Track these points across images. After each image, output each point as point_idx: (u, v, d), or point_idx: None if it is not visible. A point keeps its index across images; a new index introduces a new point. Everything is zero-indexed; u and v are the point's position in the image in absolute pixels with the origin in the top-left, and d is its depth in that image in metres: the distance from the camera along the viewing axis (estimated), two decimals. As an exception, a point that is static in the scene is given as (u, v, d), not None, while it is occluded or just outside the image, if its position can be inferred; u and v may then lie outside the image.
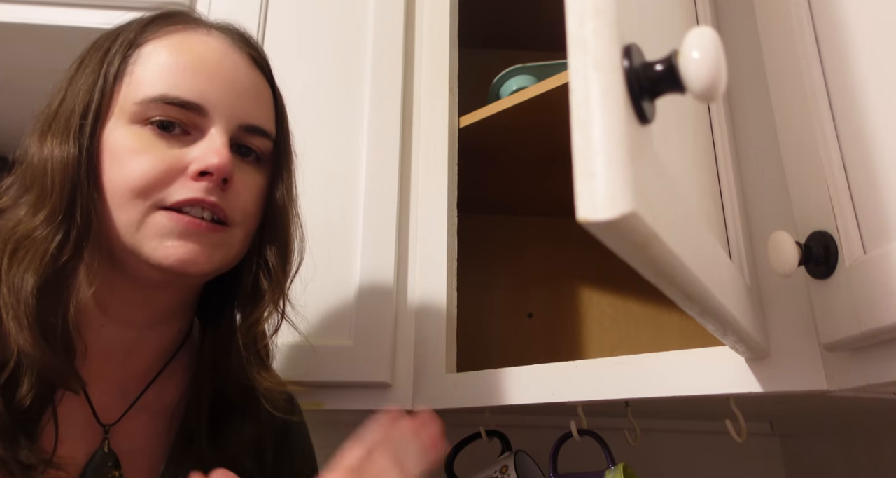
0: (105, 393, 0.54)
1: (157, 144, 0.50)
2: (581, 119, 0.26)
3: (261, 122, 0.56)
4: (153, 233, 0.49)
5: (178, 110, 0.50)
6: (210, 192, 0.50)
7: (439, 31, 0.95)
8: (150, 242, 0.49)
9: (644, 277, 0.32)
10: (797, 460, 1.05)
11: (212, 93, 0.52)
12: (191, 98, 0.51)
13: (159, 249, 0.49)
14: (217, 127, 0.52)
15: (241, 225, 0.54)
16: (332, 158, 0.88)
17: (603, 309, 1.16)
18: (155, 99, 0.50)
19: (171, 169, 0.50)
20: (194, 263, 0.50)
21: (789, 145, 0.56)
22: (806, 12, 0.55)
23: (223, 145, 0.51)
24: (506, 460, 0.81)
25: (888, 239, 0.43)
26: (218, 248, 0.52)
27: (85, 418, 0.52)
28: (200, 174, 0.50)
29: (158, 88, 0.50)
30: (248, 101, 0.55)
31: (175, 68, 0.51)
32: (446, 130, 0.89)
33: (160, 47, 0.52)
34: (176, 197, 0.49)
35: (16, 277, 0.46)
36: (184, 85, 0.51)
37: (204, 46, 0.53)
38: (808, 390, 0.52)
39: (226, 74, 0.53)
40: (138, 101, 0.50)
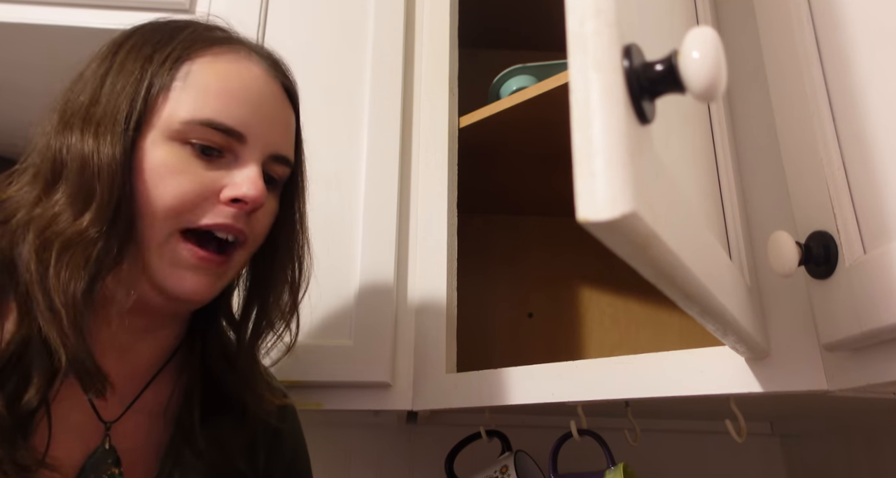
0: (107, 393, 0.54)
1: (195, 165, 0.51)
2: (581, 119, 0.26)
3: (287, 152, 0.57)
4: (169, 261, 0.50)
5: (221, 136, 0.51)
6: (238, 219, 0.52)
7: (439, 31, 0.95)
8: (163, 269, 0.50)
9: (644, 277, 0.32)
10: (797, 460, 1.05)
11: (253, 122, 0.53)
12: (236, 126, 0.52)
13: (170, 277, 0.50)
14: (253, 155, 0.53)
15: (249, 245, 0.56)
16: (332, 158, 0.88)
17: (603, 309, 1.16)
18: (202, 122, 0.50)
19: (205, 191, 0.51)
20: (200, 295, 0.52)
21: (789, 145, 0.56)
22: (806, 12, 0.55)
23: (258, 176, 0.52)
24: (506, 460, 0.81)
25: (888, 239, 0.43)
26: (221, 277, 0.54)
27: (83, 417, 0.53)
28: (233, 201, 0.51)
29: (206, 112, 0.51)
30: (280, 132, 0.56)
31: (223, 94, 0.52)
32: (446, 130, 0.89)
33: (208, 68, 0.53)
34: (206, 221, 0.51)
35: (63, 279, 0.46)
36: (230, 112, 0.52)
37: (249, 74, 0.54)
38: (808, 390, 0.52)
39: (266, 104, 0.54)
40: (184, 121, 0.50)
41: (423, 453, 1.09)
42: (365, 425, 1.11)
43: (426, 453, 1.09)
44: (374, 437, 1.11)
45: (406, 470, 1.09)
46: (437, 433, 1.09)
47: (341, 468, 1.09)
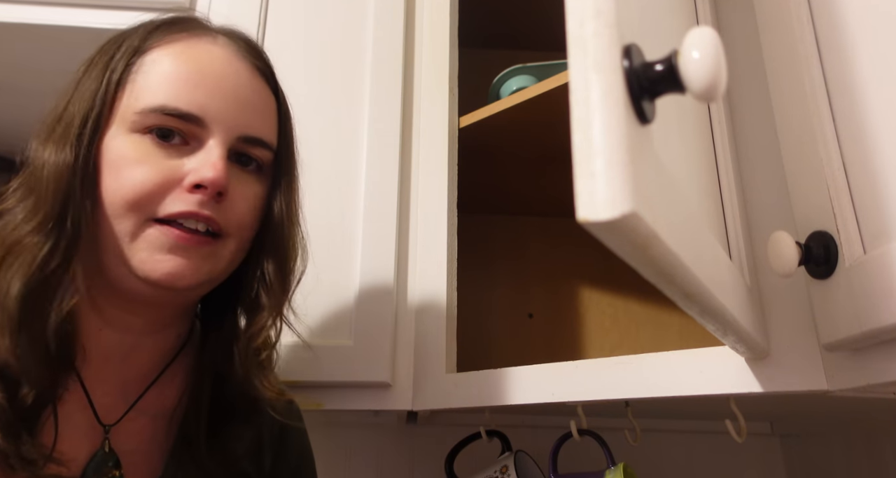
0: (106, 395, 0.54)
1: (155, 154, 0.50)
2: (581, 119, 0.26)
3: (261, 133, 0.55)
4: (144, 246, 0.49)
5: (177, 121, 0.50)
6: (204, 205, 0.50)
7: (439, 31, 0.95)
8: (139, 255, 0.49)
9: (644, 277, 0.32)
10: (797, 460, 1.05)
11: (212, 104, 0.51)
12: (190, 110, 0.50)
13: (147, 262, 0.49)
14: (215, 139, 0.52)
15: (234, 236, 0.54)
16: (331, 158, 0.88)
17: (603, 309, 1.16)
18: (154, 109, 0.50)
19: (166, 180, 0.50)
20: (181, 277, 0.50)
21: (789, 145, 0.56)
22: (806, 12, 0.55)
23: (219, 158, 0.51)
24: (506, 460, 0.81)
25: (888, 239, 0.43)
26: (206, 260, 0.52)
27: (86, 419, 0.53)
28: (195, 187, 0.50)
29: (158, 98, 0.50)
30: (249, 112, 0.54)
31: (176, 78, 0.51)
32: (446, 130, 0.89)
33: (164, 55, 0.52)
34: (170, 209, 0.49)
35: (6, 279, 0.47)
36: (184, 96, 0.51)
37: (208, 55, 0.53)
38: (808, 390, 0.52)
39: (228, 85, 0.53)
40: (138, 111, 0.50)
41: (423, 453, 1.09)
42: (365, 425, 1.11)
43: (426, 453, 1.09)
44: (374, 437, 1.11)
45: (406, 470, 1.09)
46: (437, 433, 1.09)
47: (341, 468, 1.09)
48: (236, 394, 0.58)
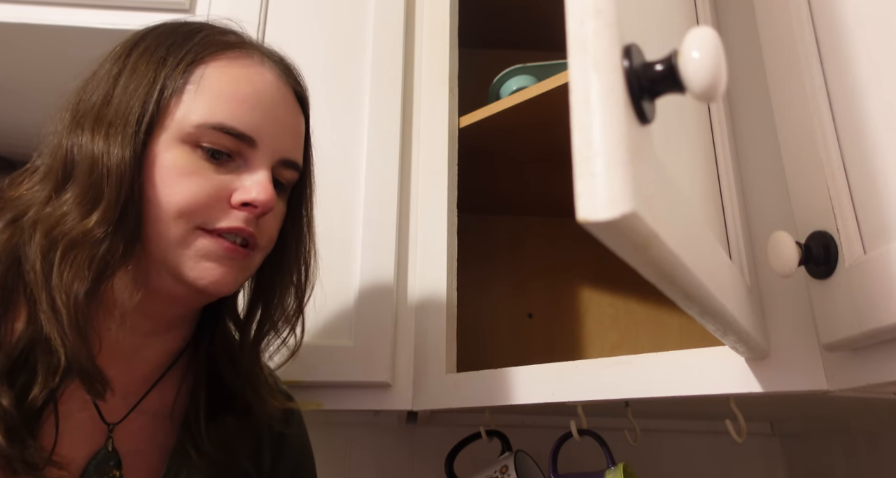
0: (108, 394, 0.54)
1: (206, 169, 0.51)
2: (581, 119, 0.26)
3: (296, 157, 0.58)
4: (194, 253, 0.51)
5: (231, 140, 0.52)
6: (249, 222, 0.53)
7: (439, 31, 0.95)
8: (189, 261, 0.51)
9: (644, 277, 0.32)
10: (797, 460, 1.05)
11: (264, 127, 0.53)
12: (246, 131, 0.52)
13: (196, 268, 0.51)
14: (263, 160, 0.54)
15: (263, 249, 0.56)
16: (332, 158, 0.88)
17: (603, 309, 1.16)
18: (214, 126, 0.51)
19: (216, 195, 0.51)
20: (224, 285, 0.52)
21: (789, 145, 0.56)
22: (806, 12, 0.55)
23: (268, 181, 0.53)
24: (506, 460, 0.81)
25: (888, 239, 0.43)
26: (242, 271, 0.54)
27: (88, 418, 0.53)
28: (243, 205, 0.52)
29: (217, 116, 0.51)
30: (290, 137, 0.57)
31: (234, 97, 0.52)
32: (446, 130, 0.89)
33: (220, 72, 0.53)
34: (219, 224, 0.51)
35: (66, 278, 0.47)
36: (242, 117, 0.52)
37: (261, 79, 0.55)
38: (808, 390, 0.52)
39: (277, 110, 0.55)
40: (196, 125, 0.51)
41: (423, 453, 1.09)
42: (365, 425, 1.11)
43: (426, 453, 1.09)
44: (374, 437, 1.11)
45: (406, 470, 1.09)
46: (437, 433, 1.09)
47: (341, 468, 1.09)
48: (236, 394, 0.59)
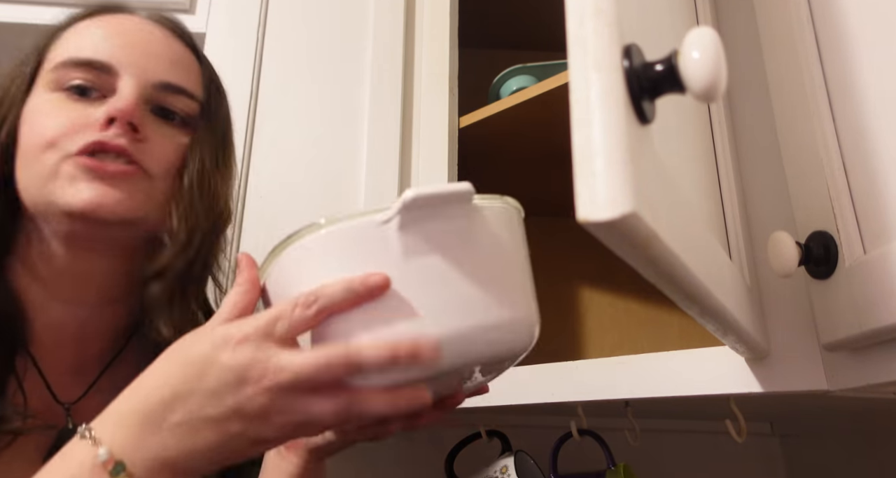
0: (61, 375, 0.54)
1: (71, 105, 0.51)
2: (581, 119, 0.26)
3: (180, 81, 0.56)
4: (64, 179, 0.49)
5: (88, 70, 0.52)
6: (118, 136, 0.50)
7: (439, 31, 0.95)
8: (60, 189, 0.49)
9: (644, 277, 0.32)
10: (797, 460, 1.05)
11: (121, 54, 0.53)
12: (99, 57, 0.52)
13: (68, 191, 0.49)
14: (128, 83, 0.52)
15: (161, 178, 0.53)
16: (332, 158, 0.88)
17: (603, 309, 1.15)
18: (65, 61, 0.52)
19: (81, 121, 0.50)
20: (102, 205, 0.49)
21: (789, 145, 0.56)
22: (806, 12, 0.55)
23: (130, 95, 0.51)
24: (506, 460, 0.81)
25: (888, 239, 0.43)
26: (133, 194, 0.51)
27: (42, 400, 0.52)
28: (109, 123, 0.50)
29: (69, 53, 0.53)
30: (164, 63, 0.55)
31: (85, 35, 0.54)
32: (446, 130, 0.89)
33: (75, 29, 0.55)
34: (81, 142, 0.49)
35: None
36: (92, 47, 0.53)
37: (118, 20, 0.56)
38: (808, 390, 0.52)
39: (138, 40, 0.54)
40: (51, 69, 0.52)
41: (423, 453, 1.09)
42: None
43: (426, 453, 1.09)
44: (374, 437, 1.10)
45: (406, 470, 1.09)
46: (437, 433, 1.09)
47: (341, 468, 1.09)
48: None
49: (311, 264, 0.37)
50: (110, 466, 0.35)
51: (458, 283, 0.37)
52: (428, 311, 0.36)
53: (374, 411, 0.35)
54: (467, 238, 0.38)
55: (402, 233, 0.37)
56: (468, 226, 0.38)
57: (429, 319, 0.36)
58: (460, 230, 0.38)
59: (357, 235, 0.37)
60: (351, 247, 0.37)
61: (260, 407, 0.35)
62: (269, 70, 0.90)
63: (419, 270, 0.36)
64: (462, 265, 0.37)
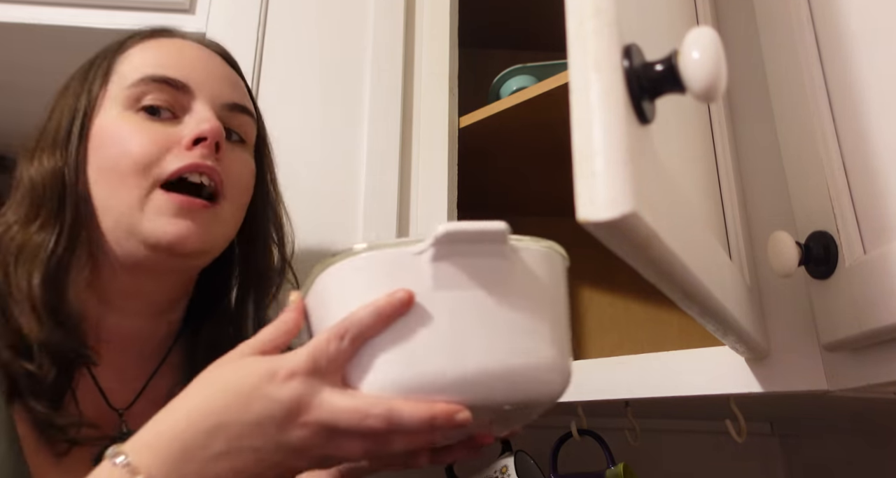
0: (112, 382, 0.55)
1: (148, 125, 0.52)
2: (581, 119, 0.26)
3: (242, 101, 0.59)
4: (152, 212, 0.51)
5: (164, 89, 0.53)
6: (206, 157, 0.52)
7: (439, 31, 0.95)
8: (148, 222, 0.51)
9: (644, 277, 0.32)
10: (797, 460, 1.05)
11: (195, 75, 0.55)
12: (176, 76, 0.54)
13: (157, 227, 0.50)
14: (202, 104, 0.54)
15: (231, 200, 0.55)
16: (332, 158, 0.88)
17: (603, 309, 1.15)
18: (143, 79, 0.53)
19: (165, 143, 0.52)
20: (188, 240, 0.51)
21: (789, 145, 0.56)
22: (806, 12, 0.55)
23: (212, 115, 0.53)
24: (506, 460, 0.81)
25: (888, 239, 0.43)
26: (209, 225, 0.53)
27: (98, 407, 0.54)
28: (195, 143, 0.52)
29: (145, 70, 0.54)
30: (227, 85, 0.58)
31: (158, 55, 0.55)
32: (446, 130, 0.89)
33: (141, 49, 0.57)
34: (174, 166, 0.51)
35: (21, 277, 0.49)
36: (169, 67, 0.54)
37: (181, 44, 0.58)
38: (808, 389, 0.52)
39: (203, 63, 0.57)
40: (127, 86, 0.53)
41: (423, 453, 1.09)
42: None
43: (426, 453, 1.09)
44: (374, 437, 1.10)
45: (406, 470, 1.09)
46: (437, 433, 1.09)
47: (341, 468, 1.09)
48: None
49: (345, 287, 0.39)
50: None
51: (486, 319, 0.37)
52: (454, 343, 0.36)
53: (401, 449, 0.37)
54: (501, 277, 0.38)
55: (434, 265, 0.37)
56: (503, 265, 0.39)
57: (455, 352, 0.36)
58: (494, 268, 0.38)
59: (391, 263, 0.38)
60: (384, 273, 0.38)
61: (300, 441, 0.36)
62: (268, 70, 0.90)
63: (448, 301, 0.37)
64: (492, 302, 0.38)
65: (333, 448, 0.37)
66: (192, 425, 0.36)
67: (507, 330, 0.37)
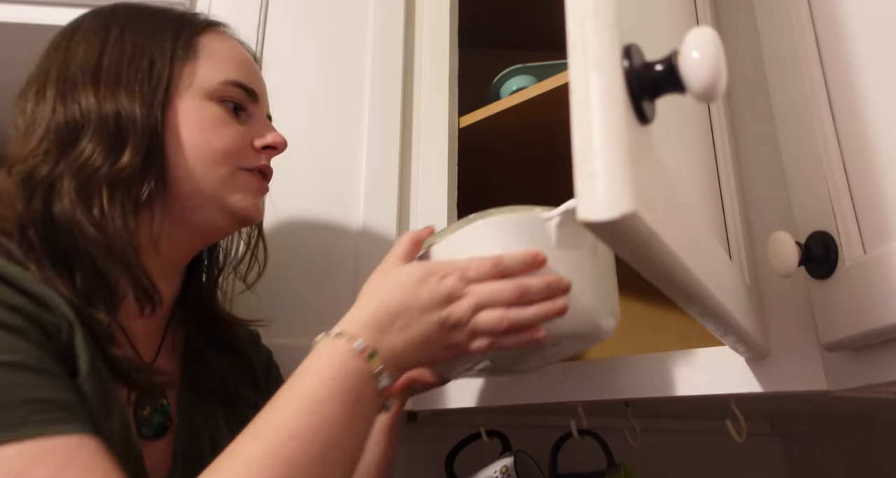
0: (136, 338, 0.57)
1: (230, 122, 0.60)
2: (581, 119, 0.26)
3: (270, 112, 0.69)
4: (240, 187, 0.60)
5: (244, 95, 0.61)
6: (268, 162, 0.64)
7: (439, 31, 0.95)
8: (235, 195, 0.59)
9: (644, 277, 0.32)
10: (797, 460, 1.05)
11: (258, 86, 0.64)
12: (252, 86, 0.62)
13: (243, 201, 0.60)
14: (262, 113, 0.64)
15: None
16: (332, 158, 0.88)
17: (603, 309, 1.15)
18: (233, 83, 0.60)
19: (243, 141, 0.61)
20: (259, 214, 0.63)
21: (789, 145, 0.56)
22: (806, 12, 0.55)
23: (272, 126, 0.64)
24: (506, 460, 0.81)
25: (888, 239, 0.43)
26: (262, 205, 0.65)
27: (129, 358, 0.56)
28: (264, 148, 0.62)
29: (234, 75, 0.61)
30: (267, 96, 0.68)
31: (238, 62, 0.63)
32: (446, 130, 0.89)
33: (217, 42, 0.62)
34: (254, 163, 0.61)
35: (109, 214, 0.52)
36: (246, 76, 0.62)
37: (243, 50, 0.65)
38: (808, 390, 0.52)
39: (260, 76, 0.66)
40: (220, 82, 0.59)
41: (423, 453, 1.09)
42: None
43: (426, 453, 1.09)
44: (374, 437, 1.10)
45: (406, 470, 1.09)
46: (437, 433, 1.09)
47: (341, 468, 1.09)
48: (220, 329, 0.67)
49: (487, 239, 0.53)
50: (367, 352, 0.48)
51: (589, 273, 0.54)
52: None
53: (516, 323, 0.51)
54: (597, 246, 0.55)
55: (558, 229, 0.52)
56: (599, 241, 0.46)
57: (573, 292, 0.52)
58: (595, 240, 0.53)
59: (527, 224, 0.53)
60: (520, 232, 0.53)
61: (457, 318, 0.51)
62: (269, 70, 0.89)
63: (566, 257, 0.52)
64: (592, 263, 0.55)
65: (473, 326, 0.51)
66: (381, 312, 0.50)
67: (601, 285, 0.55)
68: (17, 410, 0.39)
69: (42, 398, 0.41)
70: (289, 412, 0.44)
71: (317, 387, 0.45)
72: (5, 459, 0.38)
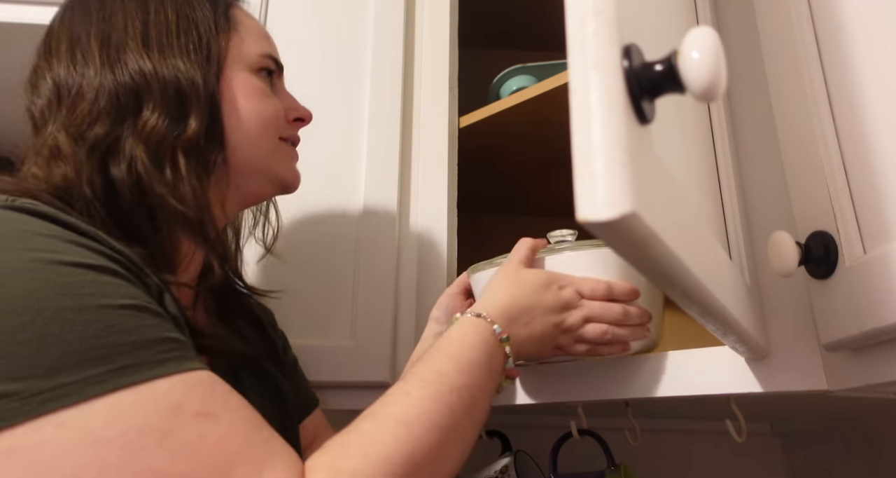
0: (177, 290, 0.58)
1: (269, 93, 0.62)
2: (581, 119, 0.26)
3: None
4: (285, 158, 0.63)
5: (277, 68, 0.64)
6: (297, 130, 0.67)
7: (439, 31, 0.95)
8: (283, 165, 0.63)
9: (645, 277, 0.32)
10: (797, 460, 1.05)
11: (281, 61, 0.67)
12: (279, 60, 0.65)
13: (288, 171, 0.64)
14: (284, 85, 0.66)
15: None
16: (332, 158, 0.88)
17: (603, 309, 1.15)
18: (268, 55, 0.63)
19: (279, 113, 0.63)
20: (297, 182, 0.66)
21: (789, 145, 0.56)
22: (806, 12, 0.55)
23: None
24: (506, 460, 0.81)
25: (888, 239, 0.43)
26: None
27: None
28: (295, 119, 0.66)
29: (268, 48, 0.63)
30: None
31: (267, 37, 0.65)
32: (446, 130, 0.89)
33: (246, 18, 0.64)
34: (289, 133, 0.65)
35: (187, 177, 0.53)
36: (275, 51, 0.65)
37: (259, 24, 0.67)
38: (808, 390, 0.52)
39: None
40: (259, 55, 0.61)
41: (424, 453, 1.09)
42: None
43: (426, 453, 1.09)
44: (375, 437, 1.10)
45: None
46: (437, 433, 1.09)
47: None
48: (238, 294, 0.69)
49: (601, 265, 0.61)
50: (503, 336, 0.54)
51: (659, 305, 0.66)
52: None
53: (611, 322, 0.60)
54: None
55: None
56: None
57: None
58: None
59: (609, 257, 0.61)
60: (628, 268, 0.60)
61: (570, 324, 0.59)
62: (269, 70, 0.90)
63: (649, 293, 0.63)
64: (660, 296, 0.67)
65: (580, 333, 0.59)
66: (513, 305, 0.57)
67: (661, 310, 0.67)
68: (155, 347, 0.41)
69: (169, 338, 0.42)
70: (447, 369, 0.50)
71: (468, 353, 0.52)
72: (161, 393, 0.39)
